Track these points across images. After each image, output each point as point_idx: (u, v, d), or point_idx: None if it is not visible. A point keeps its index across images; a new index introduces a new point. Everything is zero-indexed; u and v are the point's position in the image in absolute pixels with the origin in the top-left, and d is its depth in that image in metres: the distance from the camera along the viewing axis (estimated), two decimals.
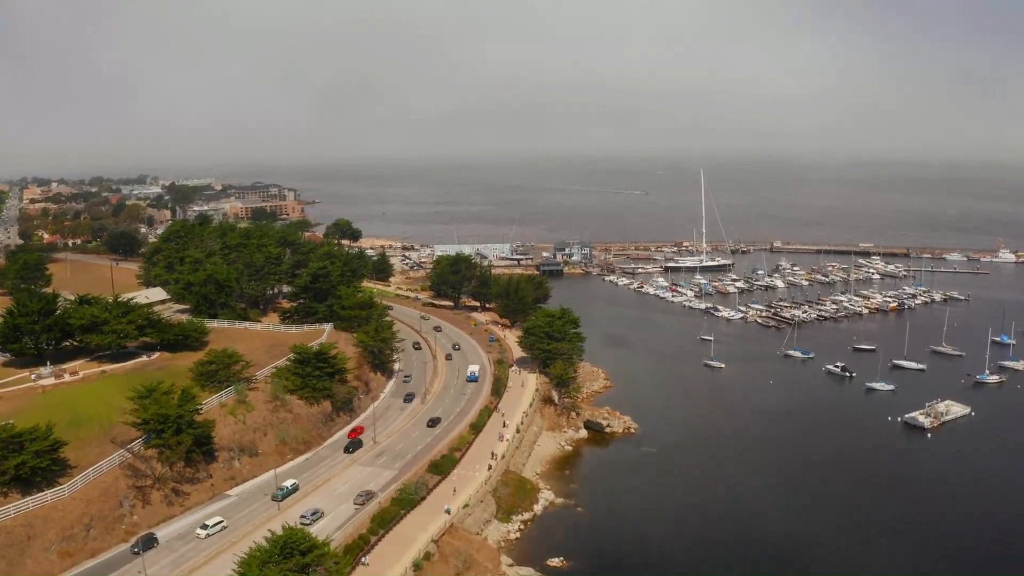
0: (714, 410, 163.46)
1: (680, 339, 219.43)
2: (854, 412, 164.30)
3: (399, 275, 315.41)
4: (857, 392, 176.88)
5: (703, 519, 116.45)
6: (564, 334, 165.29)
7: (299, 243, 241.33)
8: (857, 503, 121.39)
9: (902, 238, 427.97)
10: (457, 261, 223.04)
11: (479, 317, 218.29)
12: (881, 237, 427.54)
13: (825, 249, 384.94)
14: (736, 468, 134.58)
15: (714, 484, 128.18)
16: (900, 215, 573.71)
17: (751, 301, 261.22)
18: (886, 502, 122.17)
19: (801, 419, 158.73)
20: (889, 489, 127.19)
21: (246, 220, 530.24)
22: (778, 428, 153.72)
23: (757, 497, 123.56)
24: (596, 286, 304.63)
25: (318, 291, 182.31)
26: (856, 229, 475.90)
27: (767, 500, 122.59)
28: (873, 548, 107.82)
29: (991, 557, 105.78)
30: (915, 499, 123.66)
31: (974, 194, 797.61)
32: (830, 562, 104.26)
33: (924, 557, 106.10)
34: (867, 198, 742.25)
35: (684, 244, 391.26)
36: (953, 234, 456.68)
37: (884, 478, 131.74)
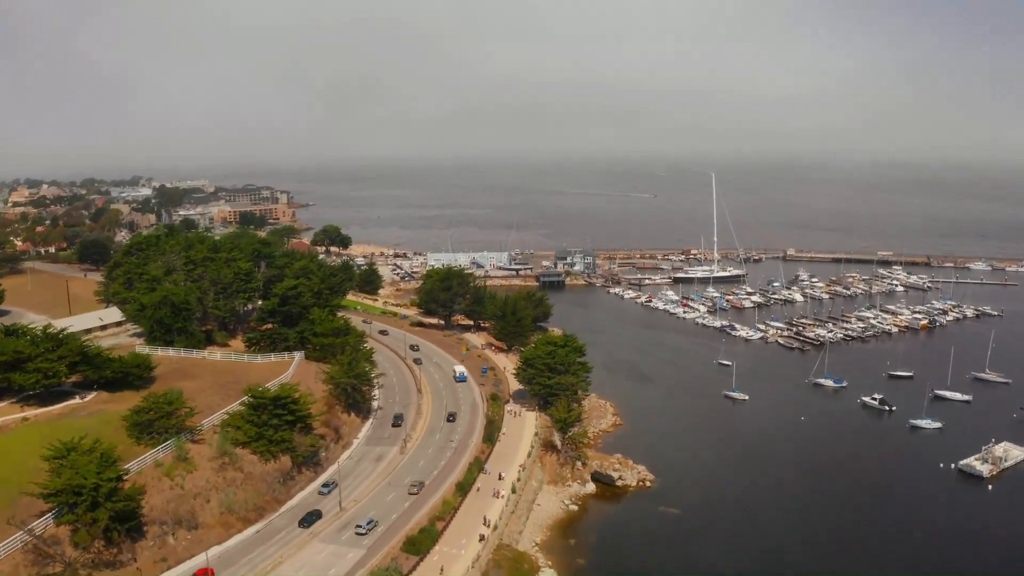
0: (742, 456, 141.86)
1: (695, 364, 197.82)
2: (901, 457, 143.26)
3: (389, 287, 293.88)
4: (900, 431, 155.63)
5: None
6: (567, 365, 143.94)
7: (274, 256, 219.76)
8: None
9: (920, 245, 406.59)
10: (448, 276, 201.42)
11: (472, 339, 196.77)
12: (898, 244, 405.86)
13: (842, 258, 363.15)
14: (774, 533, 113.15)
15: (749, 553, 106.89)
16: (913, 219, 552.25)
17: (770, 318, 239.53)
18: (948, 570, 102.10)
19: (843, 467, 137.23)
20: (950, 553, 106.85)
21: (233, 225, 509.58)
22: (818, 479, 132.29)
23: (802, 570, 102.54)
24: (600, 299, 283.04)
25: (288, 315, 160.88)
26: (871, 234, 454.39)
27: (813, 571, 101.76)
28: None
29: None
30: (985, 564, 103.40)
31: (985, 196, 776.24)
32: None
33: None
34: (876, 201, 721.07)
35: (692, 252, 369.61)
36: (973, 240, 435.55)
37: (945, 539, 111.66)
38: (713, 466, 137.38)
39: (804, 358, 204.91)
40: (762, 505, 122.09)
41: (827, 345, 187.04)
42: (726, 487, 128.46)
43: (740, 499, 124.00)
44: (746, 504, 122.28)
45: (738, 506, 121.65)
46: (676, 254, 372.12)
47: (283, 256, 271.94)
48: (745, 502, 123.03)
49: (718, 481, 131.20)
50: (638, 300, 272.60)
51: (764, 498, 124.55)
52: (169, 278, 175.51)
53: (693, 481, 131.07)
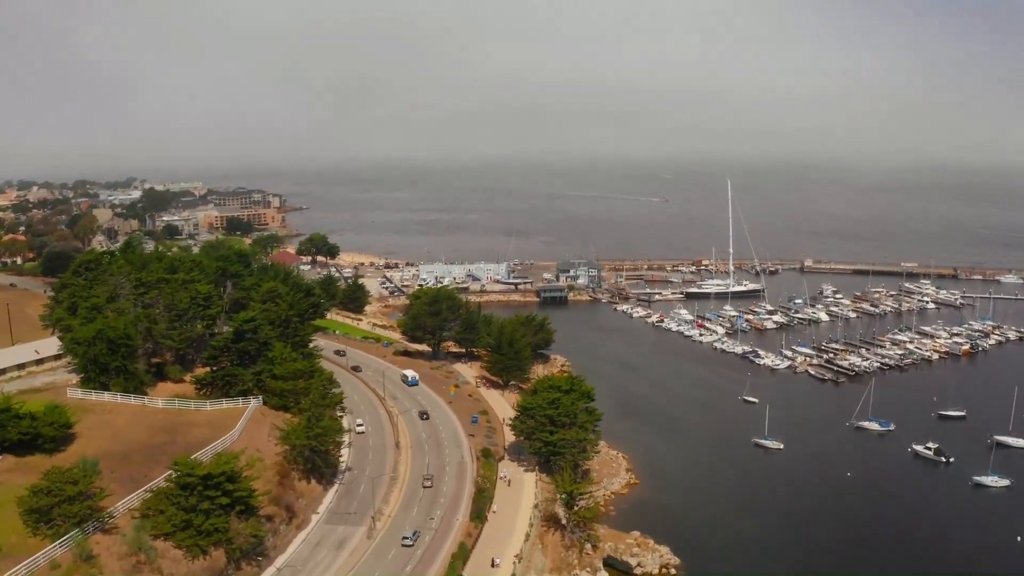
0: (781, 524, 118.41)
1: (718, 399, 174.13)
2: (969, 525, 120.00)
3: (376, 303, 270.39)
4: (963, 489, 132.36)
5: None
6: (573, 416, 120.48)
7: (242, 275, 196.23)
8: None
9: (945, 254, 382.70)
10: (437, 299, 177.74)
11: (464, 371, 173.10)
12: (922, 253, 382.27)
13: (864, 269, 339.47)
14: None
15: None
16: (932, 225, 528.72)
17: (796, 342, 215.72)
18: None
19: (902, 539, 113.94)
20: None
21: (220, 231, 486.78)
22: (874, 555, 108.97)
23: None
24: (607, 318, 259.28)
25: (244, 352, 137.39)
26: (890, 242, 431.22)
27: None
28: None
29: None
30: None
31: (1002, 202, 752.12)
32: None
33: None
34: (892, 205, 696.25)
35: (704, 263, 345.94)
36: (998, 250, 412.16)
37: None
38: (748, 540, 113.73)
39: (840, 393, 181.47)
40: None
41: (872, 383, 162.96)
42: (765, 566, 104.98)
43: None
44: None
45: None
46: (686, 265, 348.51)
47: (259, 272, 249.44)
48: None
49: (755, 559, 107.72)
50: (649, 320, 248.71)
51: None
52: (111, 306, 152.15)
53: (725, 559, 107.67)
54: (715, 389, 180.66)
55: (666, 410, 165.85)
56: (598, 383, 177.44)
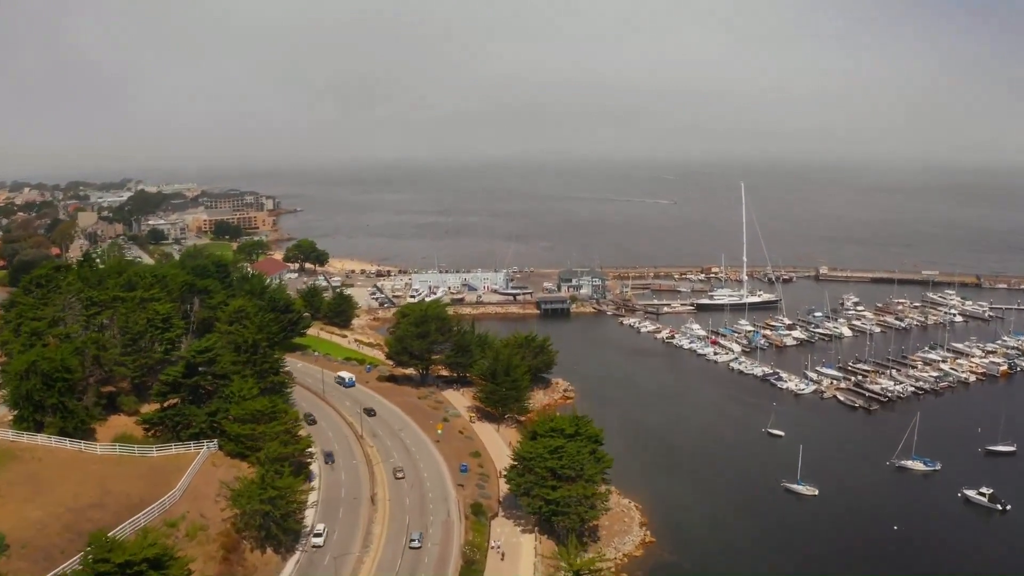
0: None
1: (738, 432, 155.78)
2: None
3: (364, 315, 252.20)
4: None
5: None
6: (579, 467, 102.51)
7: (211, 292, 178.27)
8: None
9: (965, 261, 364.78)
10: (425, 319, 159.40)
11: (455, 400, 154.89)
12: (941, 259, 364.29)
13: (882, 278, 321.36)
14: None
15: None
16: (945, 229, 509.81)
17: (820, 362, 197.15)
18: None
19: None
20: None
21: (208, 235, 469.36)
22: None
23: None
24: (612, 332, 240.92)
25: (197, 388, 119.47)
26: (905, 247, 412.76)
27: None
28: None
29: None
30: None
31: (999, 201, 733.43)
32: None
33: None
34: (898, 207, 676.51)
35: (713, 270, 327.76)
36: (1016, 255, 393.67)
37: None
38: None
39: (873, 423, 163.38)
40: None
41: (916, 420, 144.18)
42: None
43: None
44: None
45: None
46: (695, 272, 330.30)
47: (237, 282, 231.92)
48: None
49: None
50: (658, 335, 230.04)
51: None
52: (53, 331, 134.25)
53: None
54: (735, 419, 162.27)
55: (682, 446, 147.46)
56: (604, 413, 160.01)
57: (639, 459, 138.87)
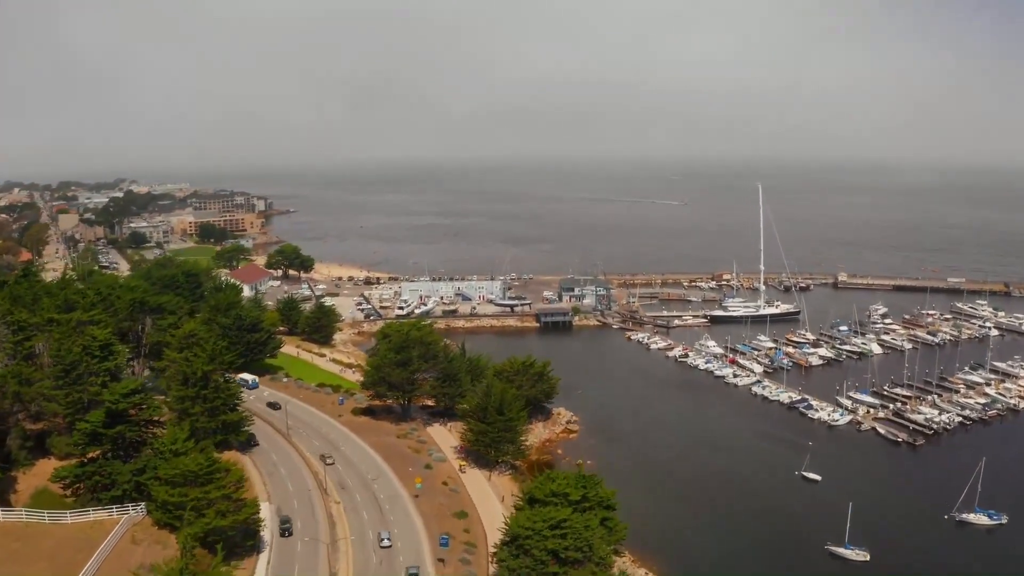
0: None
1: (768, 475, 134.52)
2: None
3: (348, 329, 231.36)
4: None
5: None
6: (587, 547, 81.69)
7: (165, 310, 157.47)
8: None
9: (989, 266, 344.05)
10: (407, 343, 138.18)
11: (440, 438, 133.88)
12: (964, 265, 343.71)
13: (905, 285, 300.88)
14: None
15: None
16: (962, 232, 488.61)
17: (852, 385, 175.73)
18: None
19: None
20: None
21: (193, 238, 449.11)
22: None
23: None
24: (618, 349, 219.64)
25: (121, 440, 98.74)
26: (926, 253, 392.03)
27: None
28: None
29: None
30: None
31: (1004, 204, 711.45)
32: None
33: None
34: (917, 209, 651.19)
35: (725, 277, 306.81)
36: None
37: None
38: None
39: (921, 461, 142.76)
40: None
41: (981, 467, 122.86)
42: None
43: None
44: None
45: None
46: (705, 280, 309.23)
47: (210, 293, 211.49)
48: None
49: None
50: (669, 353, 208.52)
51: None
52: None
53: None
54: (763, 459, 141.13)
55: (705, 494, 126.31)
56: (613, 452, 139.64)
57: (656, 513, 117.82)
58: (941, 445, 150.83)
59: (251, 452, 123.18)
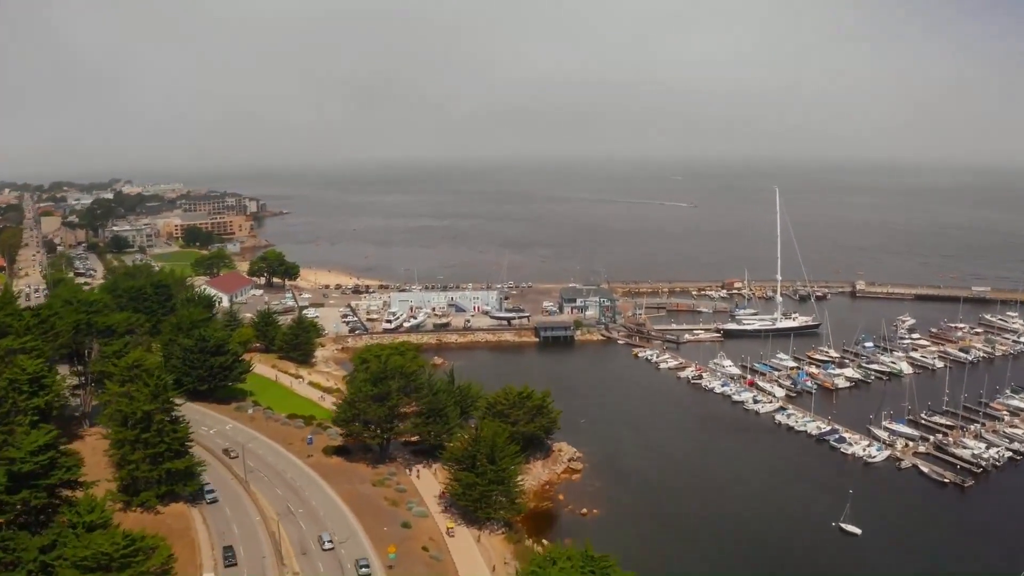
0: None
1: (802, 527, 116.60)
2: None
3: (331, 344, 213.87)
4: None
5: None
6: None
7: (115, 330, 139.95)
8: None
9: (1013, 273, 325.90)
10: (384, 375, 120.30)
11: (422, 486, 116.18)
12: (987, 272, 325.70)
13: (928, 295, 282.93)
14: None
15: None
16: (981, 235, 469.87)
17: (887, 414, 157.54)
18: None
19: None
20: None
21: (177, 242, 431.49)
22: None
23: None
24: (625, 367, 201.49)
25: (30, 507, 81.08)
26: (947, 259, 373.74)
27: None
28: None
29: None
30: None
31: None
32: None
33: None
34: (933, 212, 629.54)
35: (736, 285, 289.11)
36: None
37: None
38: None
39: (973, 507, 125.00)
40: None
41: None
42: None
43: None
44: None
45: None
46: (715, 288, 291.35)
47: (181, 305, 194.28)
48: None
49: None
50: (681, 374, 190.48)
51: None
52: None
53: None
54: (795, 506, 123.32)
55: (731, 551, 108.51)
56: (621, 494, 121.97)
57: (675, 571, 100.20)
58: (992, 486, 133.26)
59: (202, 505, 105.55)
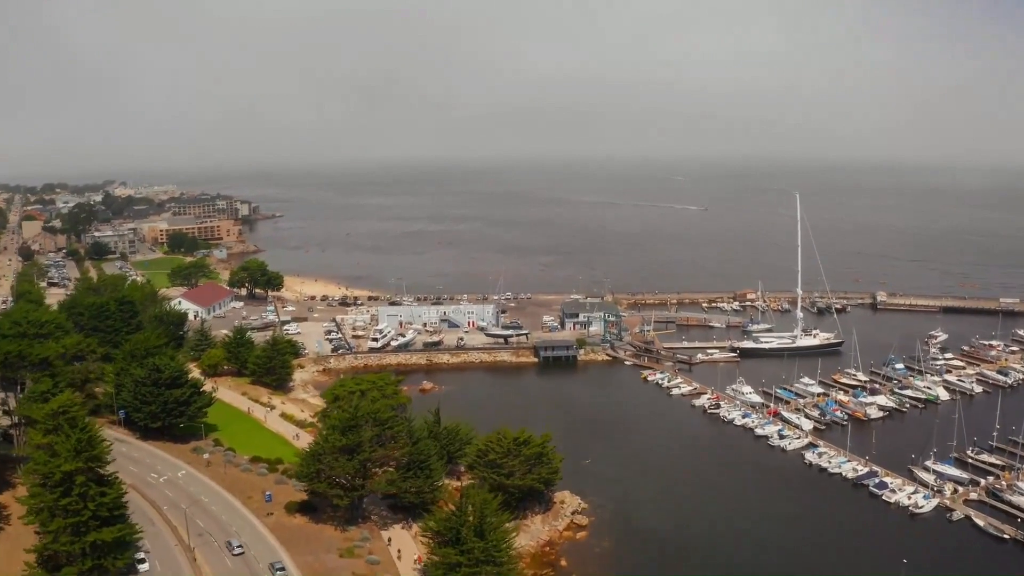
0: None
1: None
2: None
3: (311, 365, 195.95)
4: None
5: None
6: None
7: (51, 361, 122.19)
8: None
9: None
10: (355, 423, 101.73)
11: (400, 554, 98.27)
12: (1013, 282, 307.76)
13: (955, 307, 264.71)
14: None
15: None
16: (998, 240, 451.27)
17: (930, 452, 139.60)
18: None
19: None
20: None
21: (162, 248, 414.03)
22: None
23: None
24: (633, 393, 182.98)
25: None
26: (964, 265, 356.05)
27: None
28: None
29: None
30: None
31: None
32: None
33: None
34: (952, 215, 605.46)
35: (749, 297, 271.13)
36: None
37: None
38: None
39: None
40: None
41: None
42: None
43: None
44: None
45: None
46: (727, 300, 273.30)
47: (149, 323, 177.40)
48: None
49: None
50: (696, 401, 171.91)
51: None
52: None
53: None
54: (830, 566, 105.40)
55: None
56: (635, 559, 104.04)
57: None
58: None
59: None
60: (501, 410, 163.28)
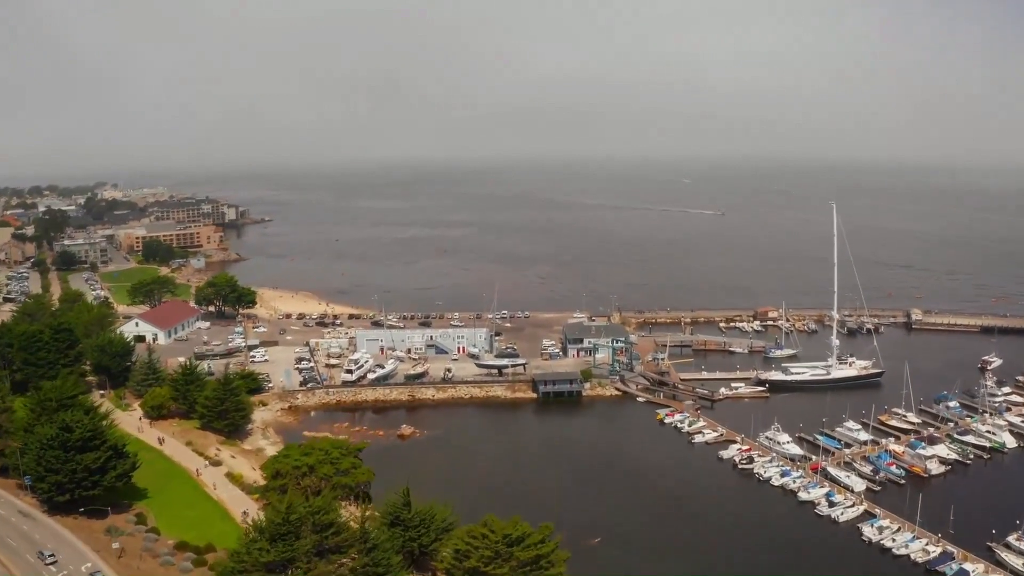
0: None
1: None
2: None
3: (276, 402, 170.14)
4: None
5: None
6: None
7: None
8: None
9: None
10: (287, 529, 76.04)
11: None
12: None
13: (995, 326, 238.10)
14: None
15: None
16: (1001, 244, 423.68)
17: (1013, 525, 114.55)
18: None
19: None
20: None
21: (136, 256, 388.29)
22: None
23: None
24: (647, 439, 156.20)
25: None
26: (994, 277, 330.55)
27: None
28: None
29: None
30: None
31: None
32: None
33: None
34: (977, 220, 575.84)
35: (770, 316, 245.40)
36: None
37: None
38: None
39: None
40: None
41: None
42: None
43: None
44: None
45: None
46: (746, 320, 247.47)
47: (91, 353, 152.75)
48: None
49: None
50: (724, 453, 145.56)
51: None
52: None
53: None
54: None
55: None
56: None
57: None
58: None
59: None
60: (492, 462, 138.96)
